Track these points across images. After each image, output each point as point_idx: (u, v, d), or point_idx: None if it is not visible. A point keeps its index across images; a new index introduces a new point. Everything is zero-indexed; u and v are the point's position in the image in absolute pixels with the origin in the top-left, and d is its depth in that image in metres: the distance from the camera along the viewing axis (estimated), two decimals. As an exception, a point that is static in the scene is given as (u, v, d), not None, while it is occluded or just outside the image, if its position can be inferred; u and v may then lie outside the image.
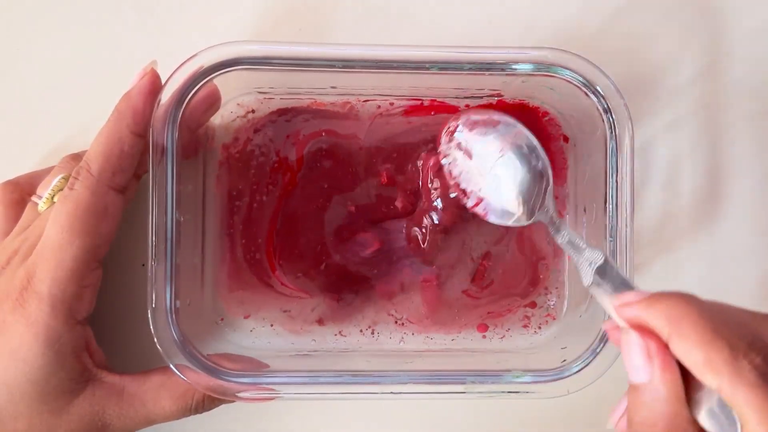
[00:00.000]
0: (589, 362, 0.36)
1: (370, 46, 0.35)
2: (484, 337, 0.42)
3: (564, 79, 0.36)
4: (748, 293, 0.43)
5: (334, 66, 0.35)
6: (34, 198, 0.37)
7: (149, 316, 0.35)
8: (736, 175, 0.43)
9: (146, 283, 0.35)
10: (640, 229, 0.42)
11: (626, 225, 0.36)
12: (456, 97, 0.41)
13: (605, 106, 0.36)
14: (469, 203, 0.39)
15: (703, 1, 0.43)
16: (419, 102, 0.41)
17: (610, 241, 0.36)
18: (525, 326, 0.42)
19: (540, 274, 0.42)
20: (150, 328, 0.35)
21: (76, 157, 0.38)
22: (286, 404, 0.42)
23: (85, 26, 0.42)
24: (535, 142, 0.38)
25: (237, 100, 0.40)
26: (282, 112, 0.40)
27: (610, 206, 0.36)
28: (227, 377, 0.36)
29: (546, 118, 0.41)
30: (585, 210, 0.40)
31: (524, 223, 0.38)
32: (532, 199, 0.37)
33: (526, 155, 0.38)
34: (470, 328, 0.42)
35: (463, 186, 0.39)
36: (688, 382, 0.26)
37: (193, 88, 0.35)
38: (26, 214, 0.37)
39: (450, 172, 0.39)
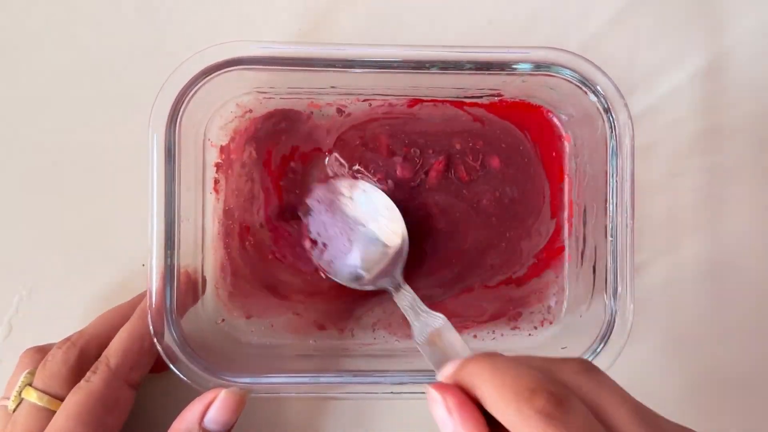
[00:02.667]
0: (589, 362, 0.36)
1: (370, 46, 0.35)
2: (476, 337, 0.42)
3: (564, 79, 0.36)
4: (748, 293, 0.43)
5: (334, 66, 0.35)
6: (2, 402, 0.36)
7: (149, 316, 0.35)
8: (736, 175, 0.43)
9: (146, 283, 0.35)
10: (640, 229, 0.42)
11: (626, 225, 0.36)
12: (456, 97, 0.41)
13: (605, 106, 0.36)
14: (317, 258, 0.40)
15: (703, 1, 0.43)
16: (417, 101, 0.41)
17: (611, 240, 0.36)
18: (520, 326, 0.42)
19: (540, 274, 0.42)
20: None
21: (40, 350, 0.37)
22: (286, 404, 0.42)
23: (85, 26, 0.42)
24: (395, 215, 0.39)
25: (237, 100, 0.40)
26: (278, 114, 0.40)
27: (610, 206, 0.36)
28: (227, 377, 0.36)
29: (546, 118, 0.41)
30: (585, 210, 0.40)
31: (369, 287, 0.39)
32: (377, 268, 0.39)
33: (380, 231, 0.39)
34: (471, 329, 0.42)
35: (316, 239, 0.40)
36: None
37: (193, 88, 0.35)
38: None
39: (308, 224, 0.40)
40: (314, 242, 0.40)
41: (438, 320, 0.35)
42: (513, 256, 0.41)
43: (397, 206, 0.40)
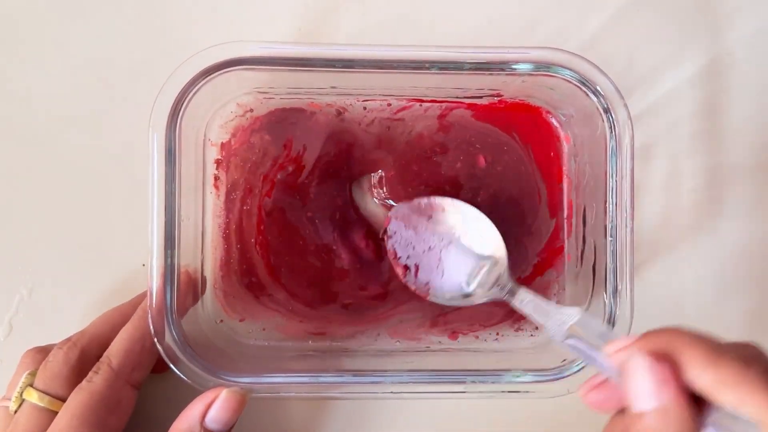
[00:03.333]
0: (589, 362, 0.36)
1: (370, 46, 0.35)
2: (478, 338, 0.42)
3: (564, 79, 0.36)
4: (748, 293, 0.43)
5: (334, 66, 0.35)
6: (3, 402, 0.36)
7: (149, 316, 0.35)
8: (735, 175, 0.43)
9: (146, 283, 0.35)
10: (640, 229, 0.42)
11: (626, 225, 0.36)
12: (456, 97, 0.41)
13: (605, 106, 0.36)
14: (412, 284, 0.39)
15: (703, 1, 0.43)
16: (418, 102, 0.41)
17: (611, 240, 0.36)
18: (523, 328, 0.42)
19: (542, 273, 0.42)
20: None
21: (41, 351, 0.37)
22: (286, 404, 0.42)
23: (85, 26, 0.42)
24: (485, 226, 0.38)
25: (237, 100, 0.40)
26: (280, 113, 0.40)
27: (610, 206, 0.36)
28: (227, 377, 0.36)
29: (546, 118, 0.41)
30: (585, 210, 0.40)
31: (480, 301, 0.38)
32: (480, 280, 0.38)
33: (472, 243, 0.38)
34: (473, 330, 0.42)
35: (406, 262, 0.39)
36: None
37: (193, 88, 0.35)
38: (0, 421, 0.36)
39: (394, 251, 0.39)
40: (406, 267, 0.39)
41: (573, 315, 0.33)
42: (520, 255, 0.41)
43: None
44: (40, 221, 0.41)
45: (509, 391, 0.37)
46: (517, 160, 0.41)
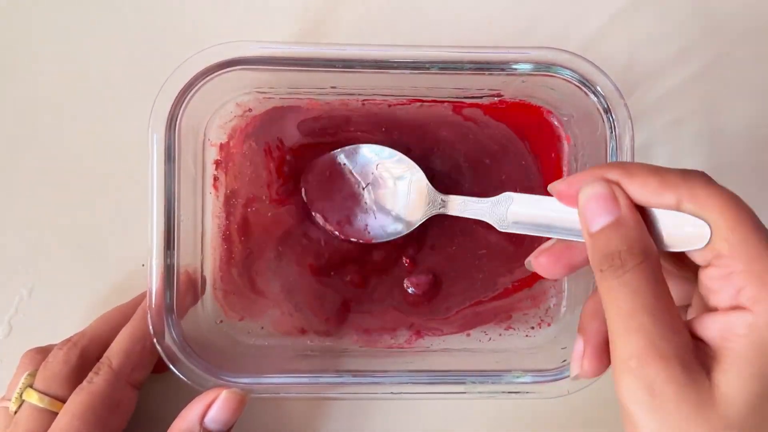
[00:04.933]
0: (589, 362, 0.36)
1: (370, 46, 0.35)
2: (475, 339, 0.42)
3: (564, 79, 0.36)
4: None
5: (334, 66, 0.35)
6: (3, 403, 0.36)
7: (149, 316, 0.35)
8: (735, 175, 0.43)
9: (146, 283, 0.35)
10: (640, 229, 0.42)
11: (626, 225, 0.36)
12: (456, 97, 0.41)
13: (605, 106, 0.36)
14: (352, 235, 0.40)
15: (703, 1, 0.43)
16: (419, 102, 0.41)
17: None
18: (513, 327, 0.42)
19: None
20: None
21: (41, 351, 0.37)
22: (286, 404, 0.42)
23: (84, 26, 0.42)
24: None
25: (237, 99, 0.40)
26: (278, 111, 0.40)
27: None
28: (227, 377, 0.36)
29: (547, 118, 0.41)
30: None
31: (420, 222, 0.39)
32: (410, 205, 0.39)
33: (388, 175, 0.40)
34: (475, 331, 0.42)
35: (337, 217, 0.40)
36: None
37: (193, 88, 0.35)
38: (0, 422, 0.36)
39: (320, 211, 0.40)
40: (338, 222, 0.40)
41: (505, 198, 0.34)
42: (519, 255, 0.42)
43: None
44: (40, 221, 0.41)
45: (509, 392, 0.37)
46: (520, 159, 0.41)
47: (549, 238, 0.32)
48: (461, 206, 0.37)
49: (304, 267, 0.41)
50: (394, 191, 0.40)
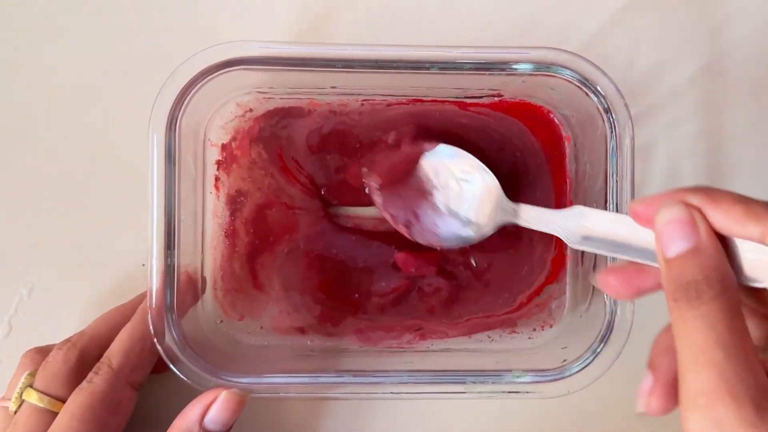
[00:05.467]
0: (590, 362, 0.36)
1: (370, 46, 0.35)
2: (481, 339, 0.42)
3: (564, 79, 0.36)
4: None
5: (334, 66, 0.35)
6: (3, 403, 0.36)
7: (149, 316, 0.35)
8: (735, 175, 0.43)
9: (146, 283, 0.35)
10: (640, 229, 0.42)
11: (626, 225, 0.36)
12: (456, 97, 0.41)
13: (605, 106, 0.36)
14: (421, 238, 0.39)
15: (703, 1, 0.43)
16: (419, 101, 0.41)
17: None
18: (518, 331, 0.42)
19: (540, 274, 0.42)
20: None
21: (41, 351, 0.37)
22: (286, 404, 0.42)
23: (84, 27, 0.42)
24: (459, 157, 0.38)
25: (237, 100, 0.40)
26: (280, 113, 0.40)
27: (610, 206, 0.36)
28: (227, 377, 0.36)
29: (546, 118, 0.41)
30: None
31: (491, 231, 0.38)
32: (482, 212, 0.38)
33: (461, 179, 0.38)
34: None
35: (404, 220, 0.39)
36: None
37: (193, 88, 0.35)
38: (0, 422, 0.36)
39: (390, 212, 0.39)
40: (406, 223, 0.39)
41: (576, 212, 0.33)
42: (538, 264, 0.42)
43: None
44: (39, 221, 0.41)
45: (509, 392, 0.37)
46: (533, 156, 0.41)
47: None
48: (531, 215, 0.36)
49: (311, 273, 0.41)
50: (459, 194, 0.38)
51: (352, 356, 0.41)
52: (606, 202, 0.37)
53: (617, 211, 0.36)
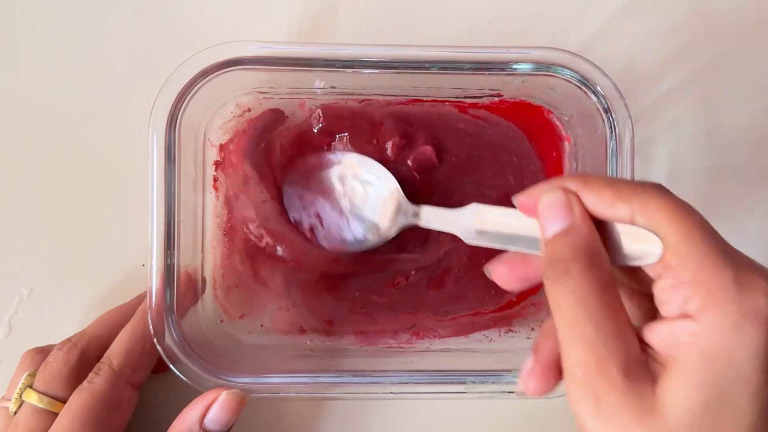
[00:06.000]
0: (589, 362, 0.36)
1: (370, 46, 0.35)
2: (479, 339, 0.42)
3: (564, 79, 0.36)
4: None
5: (334, 66, 0.35)
6: (3, 403, 0.36)
7: (149, 316, 0.35)
8: (736, 175, 0.43)
9: (146, 283, 0.35)
10: (640, 229, 0.42)
11: (626, 225, 0.36)
12: (456, 97, 0.41)
13: (605, 106, 0.36)
14: (324, 242, 0.40)
15: (703, 1, 0.43)
16: (418, 101, 0.41)
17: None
18: (515, 330, 0.42)
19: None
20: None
21: (41, 351, 0.37)
22: (286, 404, 0.42)
23: (84, 26, 0.42)
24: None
25: (237, 100, 0.40)
26: (276, 112, 0.40)
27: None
28: (227, 377, 0.36)
29: (546, 118, 0.41)
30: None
31: (393, 234, 0.39)
32: (382, 215, 0.39)
33: (363, 184, 0.39)
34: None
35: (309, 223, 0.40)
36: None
37: (192, 89, 0.35)
38: (0, 422, 0.36)
39: (295, 217, 0.40)
40: (311, 228, 0.40)
41: (471, 210, 0.34)
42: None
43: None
44: (40, 221, 0.41)
45: (509, 392, 0.37)
46: (526, 158, 0.41)
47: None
48: (431, 217, 0.37)
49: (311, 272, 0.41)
50: (364, 197, 0.40)
51: (352, 356, 0.41)
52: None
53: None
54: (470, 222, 0.34)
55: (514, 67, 0.36)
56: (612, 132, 0.36)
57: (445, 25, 0.42)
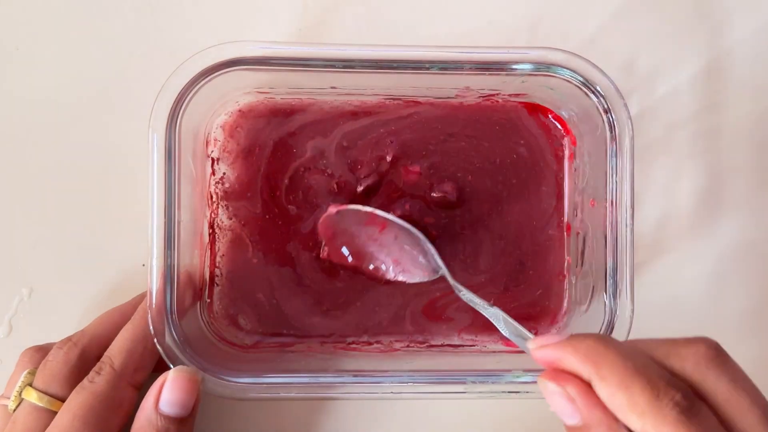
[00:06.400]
0: (589, 362, 0.36)
1: (370, 46, 0.35)
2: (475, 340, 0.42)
3: (564, 79, 0.36)
4: (748, 293, 0.43)
5: (334, 66, 0.35)
6: (2, 401, 0.36)
7: (149, 316, 0.35)
8: (736, 175, 0.43)
9: (146, 283, 0.35)
10: (640, 229, 0.42)
11: (626, 225, 0.36)
12: (456, 97, 0.41)
13: (605, 106, 0.36)
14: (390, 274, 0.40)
15: (703, 1, 0.43)
16: (417, 102, 0.41)
17: (611, 241, 0.36)
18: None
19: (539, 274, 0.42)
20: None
21: (40, 350, 0.37)
22: (286, 404, 0.42)
23: (84, 27, 0.42)
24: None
25: (237, 99, 0.40)
26: (277, 113, 0.40)
27: (611, 206, 0.36)
28: (227, 377, 0.36)
29: (546, 118, 0.41)
30: (585, 210, 0.40)
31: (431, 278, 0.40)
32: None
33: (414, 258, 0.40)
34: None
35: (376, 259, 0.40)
36: None
37: (193, 88, 0.35)
38: None
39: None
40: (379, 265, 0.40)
41: (493, 313, 0.36)
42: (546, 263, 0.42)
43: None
44: (40, 221, 0.41)
45: (509, 392, 0.37)
46: (532, 157, 0.42)
47: None
48: (458, 289, 0.38)
49: (312, 272, 0.41)
50: (401, 248, 0.40)
51: (352, 356, 0.41)
52: (606, 201, 0.37)
53: (616, 209, 0.36)
54: (492, 318, 0.36)
55: (514, 67, 0.36)
56: (612, 132, 0.36)
57: (445, 25, 0.42)
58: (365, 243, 0.40)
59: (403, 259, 0.40)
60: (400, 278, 0.40)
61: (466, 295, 0.38)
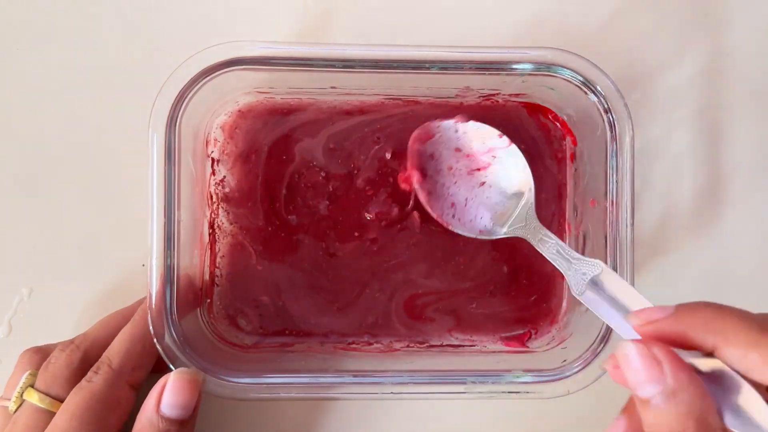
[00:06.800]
0: (590, 362, 0.36)
1: (370, 46, 0.35)
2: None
3: (564, 79, 0.36)
4: (748, 293, 0.43)
5: (334, 66, 0.35)
6: (2, 402, 0.36)
7: (149, 316, 0.35)
8: (736, 175, 0.43)
9: (146, 283, 0.35)
10: (641, 229, 0.42)
11: (626, 224, 0.36)
12: (456, 97, 0.41)
13: (605, 106, 0.36)
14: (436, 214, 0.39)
15: (703, 1, 0.43)
16: (416, 102, 0.41)
17: (611, 240, 0.36)
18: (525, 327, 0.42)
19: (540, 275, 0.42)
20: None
21: (39, 351, 0.37)
22: (286, 405, 0.42)
23: (84, 26, 0.42)
24: (517, 160, 0.38)
25: (237, 99, 0.40)
26: (276, 113, 0.40)
27: (611, 206, 0.36)
28: (227, 378, 0.36)
29: (546, 118, 0.41)
30: (585, 210, 0.40)
31: (502, 236, 0.38)
32: (505, 216, 0.38)
33: (501, 178, 0.38)
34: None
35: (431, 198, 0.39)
36: None
37: (193, 88, 0.35)
38: None
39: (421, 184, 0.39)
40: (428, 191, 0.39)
41: (596, 267, 0.32)
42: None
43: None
44: (39, 222, 0.41)
45: (509, 392, 0.37)
46: (533, 158, 0.41)
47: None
48: (550, 246, 0.36)
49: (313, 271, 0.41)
50: (498, 195, 0.38)
51: (352, 356, 0.41)
52: (606, 201, 0.37)
53: (617, 208, 0.36)
54: (587, 275, 0.33)
55: (514, 67, 0.36)
56: (612, 132, 0.36)
57: (445, 25, 0.42)
58: (445, 175, 0.38)
59: (471, 207, 0.38)
60: (452, 226, 0.38)
61: (553, 247, 0.35)
